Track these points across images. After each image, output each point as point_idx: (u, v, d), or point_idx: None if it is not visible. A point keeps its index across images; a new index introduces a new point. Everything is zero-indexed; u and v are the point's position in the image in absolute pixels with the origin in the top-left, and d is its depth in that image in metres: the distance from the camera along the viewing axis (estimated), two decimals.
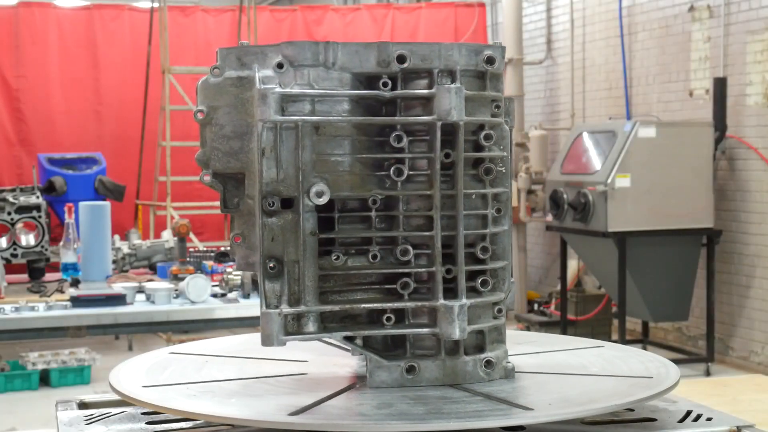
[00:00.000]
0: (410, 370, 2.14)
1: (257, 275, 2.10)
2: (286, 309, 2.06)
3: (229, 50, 2.14)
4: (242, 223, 2.17)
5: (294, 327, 2.08)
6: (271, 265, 2.08)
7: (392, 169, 2.13)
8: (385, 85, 2.13)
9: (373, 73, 2.14)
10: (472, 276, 2.19)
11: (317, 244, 2.10)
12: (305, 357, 2.40)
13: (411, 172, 2.15)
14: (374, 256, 2.14)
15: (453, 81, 2.15)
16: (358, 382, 2.19)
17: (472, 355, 2.19)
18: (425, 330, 2.13)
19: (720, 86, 8.71)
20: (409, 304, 2.13)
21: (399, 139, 2.13)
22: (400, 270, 2.14)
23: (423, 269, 2.15)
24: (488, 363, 2.19)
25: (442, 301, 2.11)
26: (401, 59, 2.13)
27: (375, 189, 2.14)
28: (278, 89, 2.05)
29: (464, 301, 2.12)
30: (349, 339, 2.13)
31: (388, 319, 2.12)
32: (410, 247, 2.14)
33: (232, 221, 2.20)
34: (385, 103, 2.16)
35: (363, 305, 2.12)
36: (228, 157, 2.14)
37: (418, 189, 2.16)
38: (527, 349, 2.35)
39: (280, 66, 2.10)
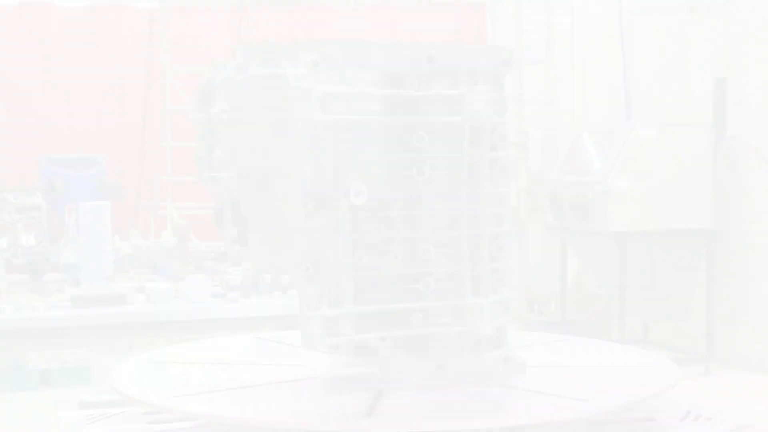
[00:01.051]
0: (440, 368, 2.13)
1: (291, 277, 2.06)
2: (328, 311, 2.02)
3: (254, 47, 2.07)
4: (264, 224, 2.14)
5: (332, 329, 2.04)
6: (307, 266, 2.03)
7: (414, 168, 2.12)
8: (412, 84, 2.12)
9: (403, 72, 2.12)
10: None
11: (351, 245, 2.08)
12: (286, 360, 2.38)
13: (431, 172, 2.14)
14: (396, 256, 2.14)
15: (474, 82, 2.14)
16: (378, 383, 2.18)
17: (491, 351, 2.20)
18: (453, 328, 2.13)
19: (720, 86, 8.70)
20: (439, 303, 2.13)
21: (421, 139, 2.12)
22: (422, 269, 2.14)
23: (444, 268, 2.14)
24: (506, 359, 2.21)
25: (472, 299, 2.11)
26: (431, 60, 2.11)
27: (399, 188, 2.14)
28: (321, 88, 2.00)
29: (492, 298, 2.12)
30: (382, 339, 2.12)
31: (417, 318, 2.11)
32: (431, 247, 2.13)
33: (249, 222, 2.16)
34: (404, 103, 2.15)
35: (397, 305, 2.11)
36: (254, 156, 2.07)
37: (439, 188, 2.15)
38: None
39: (315, 64, 2.03)
